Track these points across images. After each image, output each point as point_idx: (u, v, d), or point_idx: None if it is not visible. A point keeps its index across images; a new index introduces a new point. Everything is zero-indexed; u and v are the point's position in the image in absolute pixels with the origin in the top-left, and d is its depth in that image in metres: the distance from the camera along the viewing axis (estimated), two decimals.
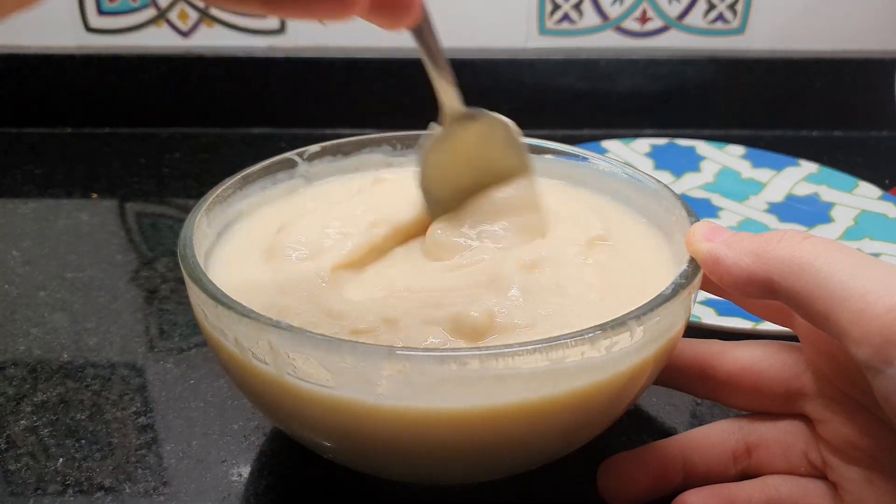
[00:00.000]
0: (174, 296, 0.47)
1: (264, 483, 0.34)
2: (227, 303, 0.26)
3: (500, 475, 0.31)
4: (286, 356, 0.25)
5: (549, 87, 0.72)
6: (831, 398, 0.29)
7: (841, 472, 0.28)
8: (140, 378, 0.40)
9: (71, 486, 0.33)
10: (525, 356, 0.24)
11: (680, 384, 0.33)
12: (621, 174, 0.37)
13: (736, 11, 0.71)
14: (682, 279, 0.28)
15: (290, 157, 0.38)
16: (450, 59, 0.31)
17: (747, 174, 0.61)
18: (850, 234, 0.53)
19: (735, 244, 0.27)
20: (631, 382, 0.28)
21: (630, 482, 0.31)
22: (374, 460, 0.29)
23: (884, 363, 0.23)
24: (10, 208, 0.59)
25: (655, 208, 0.35)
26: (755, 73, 0.71)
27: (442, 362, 0.24)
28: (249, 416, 0.37)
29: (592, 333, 0.25)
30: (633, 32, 0.72)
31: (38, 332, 0.44)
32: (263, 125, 0.72)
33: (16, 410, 0.38)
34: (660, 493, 0.31)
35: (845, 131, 0.73)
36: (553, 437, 0.28)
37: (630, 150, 0.63)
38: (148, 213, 0.59)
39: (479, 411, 0.25)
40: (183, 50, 0.71)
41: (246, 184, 0.36)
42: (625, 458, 0.31)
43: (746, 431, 0.31)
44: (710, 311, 0.43)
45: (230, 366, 0.28)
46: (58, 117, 0.72)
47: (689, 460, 0.31)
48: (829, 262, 0.25)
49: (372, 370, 0.24)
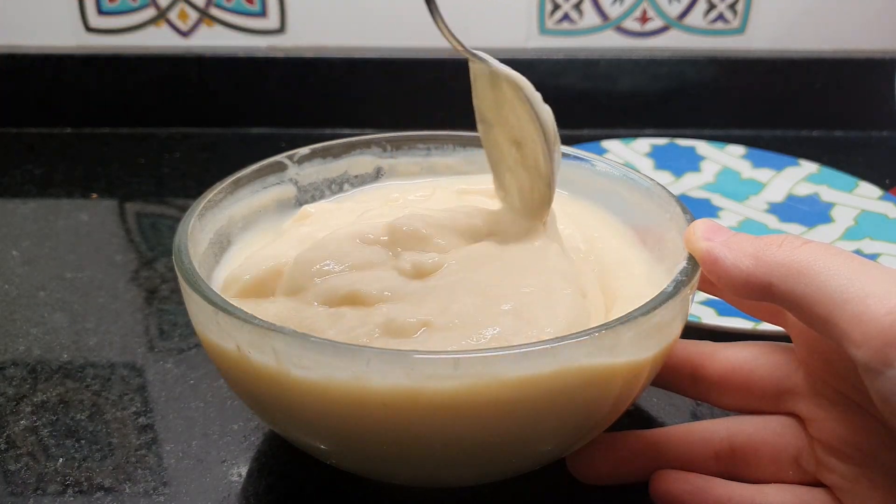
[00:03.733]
0: (174, 296, 0.47)
1: (264, 483, 0.34)
2: (228, 309, 0.26)
3: (500, 476, 0.31)
4: (289, 360, 0.25)
5: (549, 87, 0.71)
6: (823, 396, 0.29)
7: (837, 472, 0.28)
8: (140, 378, 0.40)
9: (71, 487, 0.33)
10: (526, 356, 0.24)
11: (671, 385, 0.33)
12: (614, 172, 0.37)
13: (736, 11, 0.71)
14: (682, 276, 0.28)
15: (279, 161, 0.38)
16: (450, 59, 0.31)
17: (747, 174, 0.61)
18: (850, 234, 0.53)
19: (735, 246, 0.27)
20: (630, 382, 0.28)
21: (596, 462, 0.32)
22: (375, 463, 0.29)
23: (884, 365, 0.23)
24: (9, 208, 0.59)
25: (648, 206, 0.35)
26: (755, 73, 0.71)
27: (443, 363, 0.24)
28: (249, 416, 0.37)
29: (593, 333, 0.25)
30: (634, 32, 0.72)
31: (37, 332, 0.44)
32: (263, 125, 0.72)
33: (16, 410, 0.38)
34: (624, 479, 0.32)
35: (845, 131, 0.73)
36: (553, 437, 0.28)
37: (630, 150, 0.63)
38: (148, 213, 0.59)
39: (481, 412, 0.25)
40: (183, 50, 0.71)
41: (237, 188, 0.36)
42: (595, 439, 0.32)
43: (733, 432, 0.31)
44: (710, 311, 0.43)
45: (230, 372, 0.28)
46: (57, 117, 0.72)
47: (662, 453, 0.31)
48: (827, 265, 0.25)
49: (374, 371, 0.24)
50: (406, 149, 0.40)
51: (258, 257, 0.33)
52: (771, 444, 0.30)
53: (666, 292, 0.27)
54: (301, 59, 0.70)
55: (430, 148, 0.40)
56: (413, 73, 0.70)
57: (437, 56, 0.70)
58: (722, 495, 0.30)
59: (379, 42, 0.70)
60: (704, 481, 0.30)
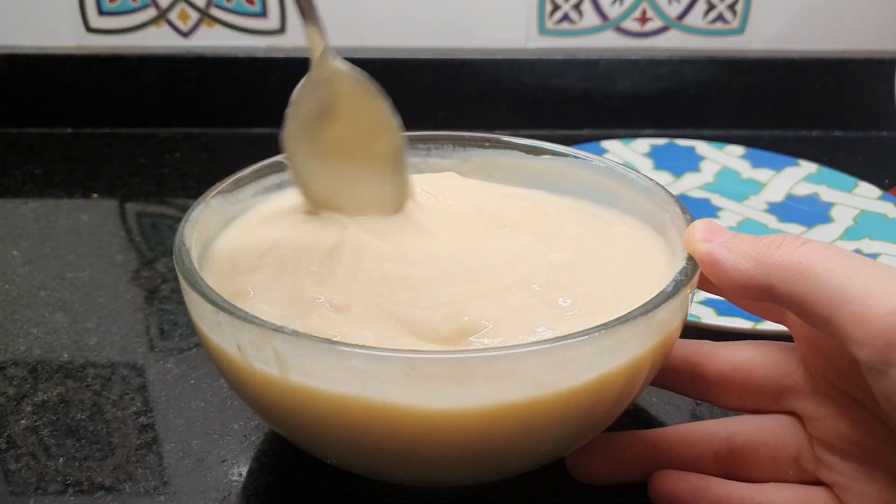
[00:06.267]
0: (174, 296, 0.47)
1: (264, 482, 0.34)
2: (228, 309, 0.26)
3: (500, 476, 0.31)
4: (291, 361, 0.25)
5: (549, 87, 0.72)
6: (824, 394, 0.29)
7: (837, 470, 0.28)
8: (140, 378, 0.40)
9: (71, 486, 0.33)
10: (526, 356, 0.24)
11: (671, 384, 0.33)
12: (615, 171, 0.37)
13: (736, 11, 0.71)
14: (682, 276, 0.28)
15: (280, 161, 0.38)
16: (450, 59, 0.31)
17: (747, 174, 0.61)
18: (849, 234, 0.53)
19: (735, 247, 0.27)
20: (630, 382, 0.28)
21: (595, 462, 0.32)
22: (376, 463, 0.29)
23: (886, 365, 0.23)
24: (10, 208, 0.59)
25: (648, 206, 0.35)
26: (755, 73, 0.71)
27: (444, 363, 0.24)
28: (250, 416, 0.37)
29: (593, 333, 0.25)
30: (633, 33, 0.72)
31: (38, 331, 0.44)
32: (263, 125, 0.72)
33: (16, 410, 0.38)
34: (623, 478, 0.32)
35: (845, 131, 0.73)
36: (553, 437, 0.28)
37: (630, 150, 0.63)
38: (148, 213, 0.59)
39: (481, 412, 0.25)
40: (183, 50, 0.71)
41: (237, 188, 0.36)
42: (595, 439, 0.32)
43: (732, 432, 0.31)
44: (710, 310, 0.43)
45: (230, 372, 0.28)
46: (58, 117, 0.72)
47: (661, 453, 0.31)
48: (827, 265, 0.25)
49: (377, 373, 0.24)
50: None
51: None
52: (770, 444, 0.30)
53: (665, 292, 0.27)
54: (301, 60, 0.70)
55: (429, 148, 0.40)
56: (413, 73, 0.70)
57: (437, 56, 0.70)
58: (721, 495, 0.30)
59: (379, 42, 0.70)
60: (704, 481, 0.30)
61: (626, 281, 0.32)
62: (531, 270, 0.31)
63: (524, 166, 0.39)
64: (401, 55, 0.69)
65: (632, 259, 0.34)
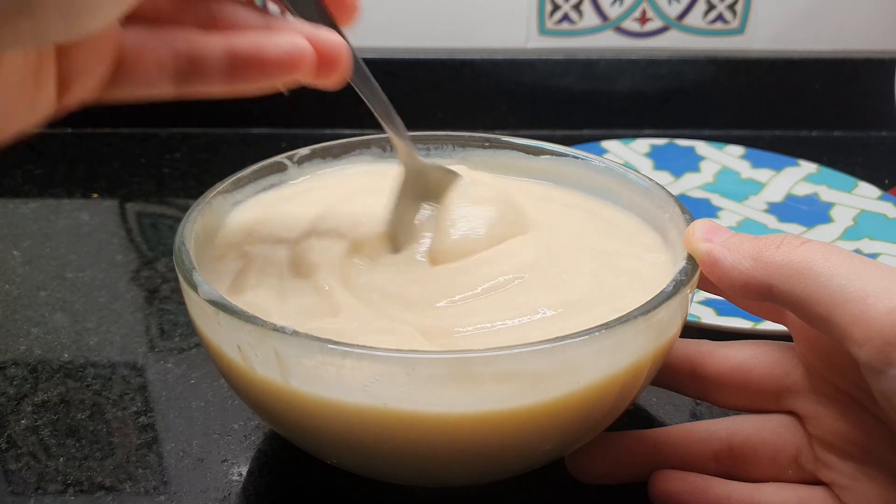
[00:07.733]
0: (174, 296, 0.47)
1: (265, 482, 0.34)
2: (228, 308, 0.26)
3: (500, 476, 0.31)
4: (291, 361, 0.25)
5: (549, 87, 0.72)
6: (823, 394, 0.29)
7: (836, 469, 0.28)
8: (140, 378, 0.40)
9: (71, 486, 0.33)
10: (527, 356, 0.24)
11: (671, 384, 0.33)
12: (615, 172, 0.37)
13: (735, 12, 0.71)
14: (682, 276, 0.28)
15: (279, 161, 0.38)
16: (450, 59, 0.31)
17: (747, 174, 0.61)
18: (849, 234, 0.53)
19: (734, 247, 0.27)
20: (630, 381, 0.28)
21: (595, 462, 0.32)
22: (376, 463, 0.29)
23: (885, 364, 0.23)
24: (10, 208, 0.59)
25: (647, 206, 0.36)
26: (755, 74, 0.71)
27: (445, 363, 0.24)
28: (250, 416, 0.37)
29: (593, 333, 0.25)
30: (633, 33, 0.72)
31: (38, 331, 0.44)
32: (263, 125, 0.72)
33: (16, 410, 0.38)
34: (623, 478, 0.32)
35: (845, 131, 0.73)
36: (553, 437, 0.28)
37: (630, 150, 0.63)
38: (148, 213, 0.59)
39: (481, 412, 0.25)
40: None
41: (237, 188, 0.36)
42: (595, 439, 0.32)
43: (732, 432, 0.31)
44: (710, 310, 0.43)
45: (230, 373, 0.28)
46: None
47: (661, 453, 0.31)
48: (827, 265, 0.25)
49: (379, 373, 0.25)
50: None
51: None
52: (770, 444, 0.30)
53: (665, 292, 0.27)
54: None
55: (429, 148, 0.40)
56: (413, 73, 0.70)
57: (437, 56, 0.70)
58: (721, 494, 0.30)
59: (379, 42, 0.70)
60: (703, 481, 0.30)
61: (626, 281, 0.32)
62: (532, 272, 0.31)
63: (524, 166, 0.40)
64: (401, 55, 0.69)
65: (631, 259, 0.34)
